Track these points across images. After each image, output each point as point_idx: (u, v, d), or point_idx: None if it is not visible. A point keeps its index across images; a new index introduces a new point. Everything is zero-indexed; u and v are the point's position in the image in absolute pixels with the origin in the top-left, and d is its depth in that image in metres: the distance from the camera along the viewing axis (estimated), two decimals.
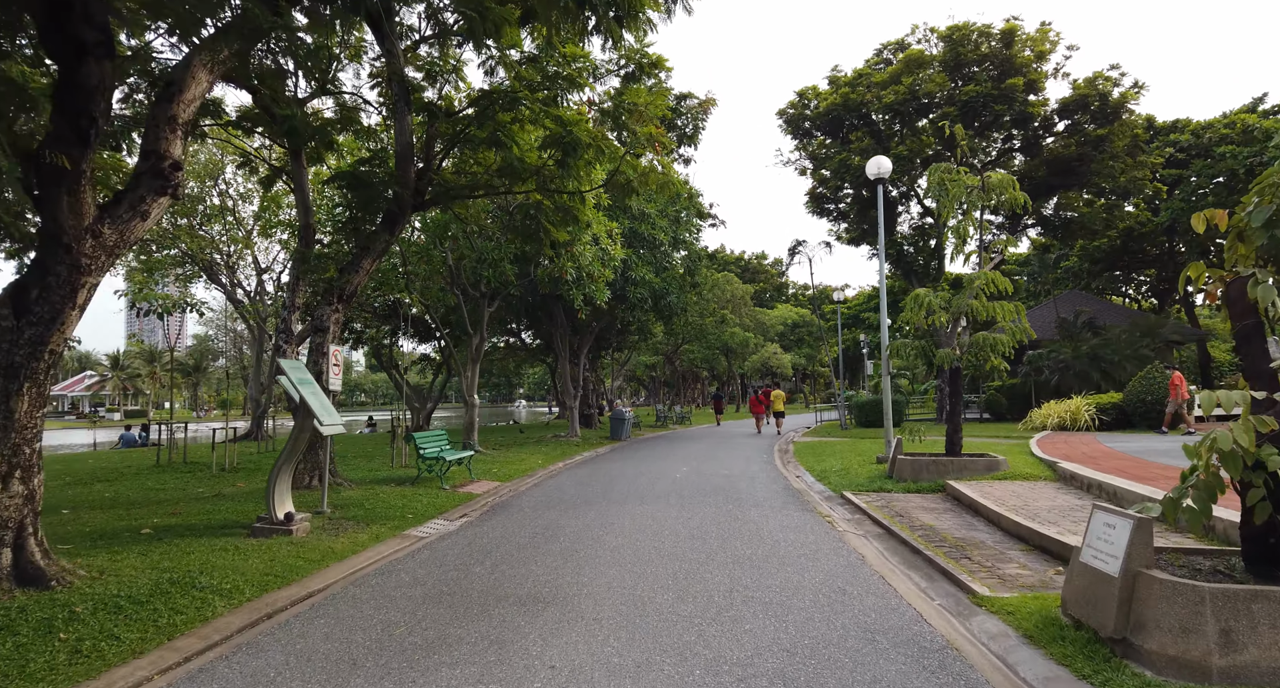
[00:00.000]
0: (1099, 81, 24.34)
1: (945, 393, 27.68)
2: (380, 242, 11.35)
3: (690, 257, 24.02)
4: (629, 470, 14.57)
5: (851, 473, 12.78)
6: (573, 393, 23.95)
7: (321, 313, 11.02)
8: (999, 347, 11.07)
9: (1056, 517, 7.80)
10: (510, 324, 31.47)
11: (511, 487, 12.52)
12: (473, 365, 17.75)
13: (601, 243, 18.25)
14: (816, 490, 11.71)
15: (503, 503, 10.67)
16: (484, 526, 8.84)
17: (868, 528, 8.54)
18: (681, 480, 12.75)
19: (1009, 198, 11.61)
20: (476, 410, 17.44)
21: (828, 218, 31.88)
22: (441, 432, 13.20)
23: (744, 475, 13.52)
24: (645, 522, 8.73)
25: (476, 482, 12.66)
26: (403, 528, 8.65)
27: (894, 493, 10.65)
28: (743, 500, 10.42)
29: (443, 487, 11.68)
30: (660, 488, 11.78)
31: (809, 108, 27.60)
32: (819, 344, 64.03)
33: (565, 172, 11.45)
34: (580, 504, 10.24)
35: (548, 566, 6.55)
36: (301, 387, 7.90)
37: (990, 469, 11.00)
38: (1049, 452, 13.42)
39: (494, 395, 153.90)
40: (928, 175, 12.12)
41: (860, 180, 26.03)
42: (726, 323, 42.51)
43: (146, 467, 15.04)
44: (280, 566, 6.52)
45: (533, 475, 14.17)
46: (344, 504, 9.89)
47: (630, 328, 29.67)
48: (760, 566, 6.51)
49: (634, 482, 12.68)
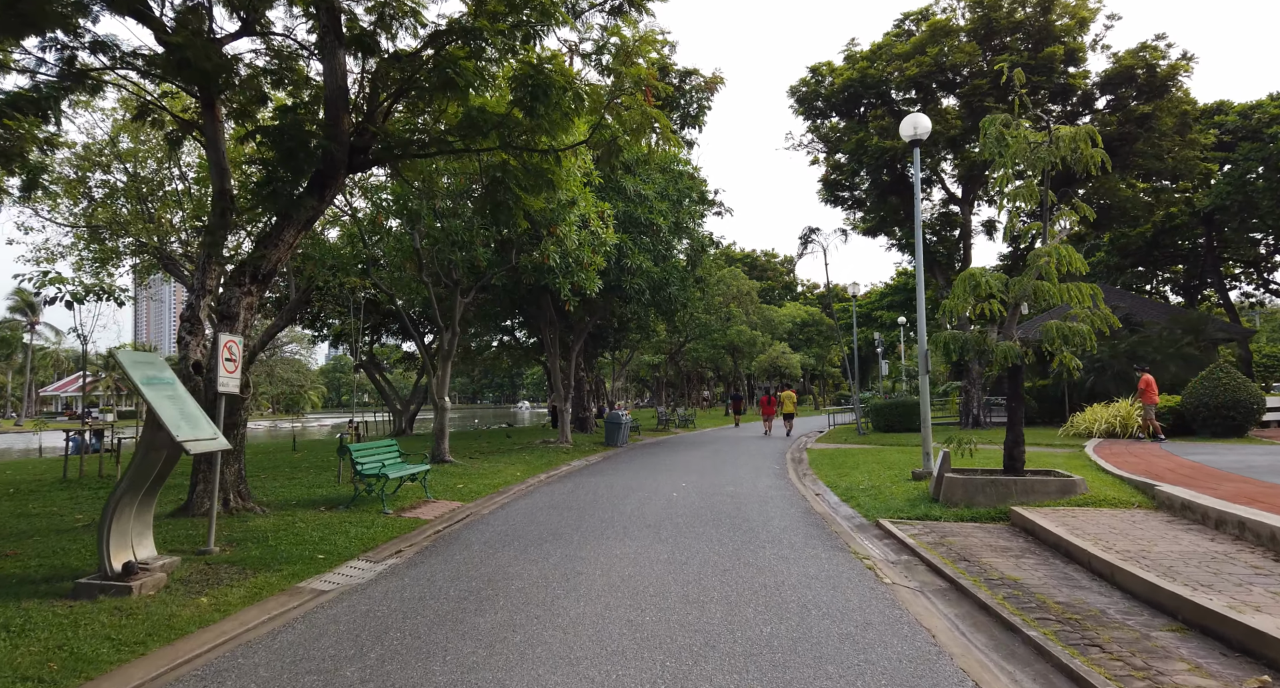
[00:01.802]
0: (1145, 52, 22.02)
1: (971, 396, 25.41)
2: (306, 209, 9.20)
3: (694, 244, 21.79)
4: (618, 486, 12.38)
5: (884, 493, 10.57)
6: (564, 394, 21.77)
7: (230, 296, 8.88)
8: (1076, 339, 8.84)
9: (1202, 572, 5.57)
10: (504, 321, 29.35)
11: (473, 509, 10.36)
12: (444, 364, 15.60)
13: (592, 225, 16.09)
14: (844, 516, 9.51)
15: (452, 535, 8.49)
16: (409, 575, 6.66)
17: (923, 578, 6.33)
18: (679, 501, 10.55)
19: (1085, 155, 9.40)
20: (447, 415, 15.29)
21: (842, 206, 29.61)
22: (389, 442, 11.05)
23: (753, 494, 11.31)
24: (624, 571, 6.54)
25: (432, 502, 10.50)
26: (303, 576, 6.49)
27: (945, 522, 8.45)
28: (754, 533, 8.22)
29: (384, 511, 9.52)
30: (651, 512, 9.59)
31: (823, 85, 25.34)
32: (829, 344, 61.76)
33: (536, 122, 9.29)
34: (546, 538, 8.06)
35: (459, 665, 4.34)
36: (149, 388, 5.74)
37: (1065, 492, 8.77)
38: (1121, 466, 11.17)
39: (497, 397, 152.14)
40: (982, 128, 9.92)
41: (880, 161, 23.78)
42: (733, 320, 40.24)
43: (52, 480, 12.93)
44: (68, 657, 4.37)
45: (504, 492, 12.00)
46: (245, 538, 7.74)
47: (629, 324, 27.49)
48: (787, 662, 4.30)
49: (621, 503, 10.49)
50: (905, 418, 24.72)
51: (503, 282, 18.37)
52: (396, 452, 10.94)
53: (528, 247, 15.74)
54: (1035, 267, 9.29)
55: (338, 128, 9.18)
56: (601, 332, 28.66)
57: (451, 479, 13.00)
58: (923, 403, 11.59)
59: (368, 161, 9.79)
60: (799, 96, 25.92)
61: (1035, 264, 9.31)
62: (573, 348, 22.50)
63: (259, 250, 9.04)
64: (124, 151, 19.62)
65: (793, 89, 25.90)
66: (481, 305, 22.46)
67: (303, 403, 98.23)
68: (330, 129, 9.19)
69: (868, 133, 23.94)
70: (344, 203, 18.12)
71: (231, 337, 7.56)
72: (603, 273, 17.81)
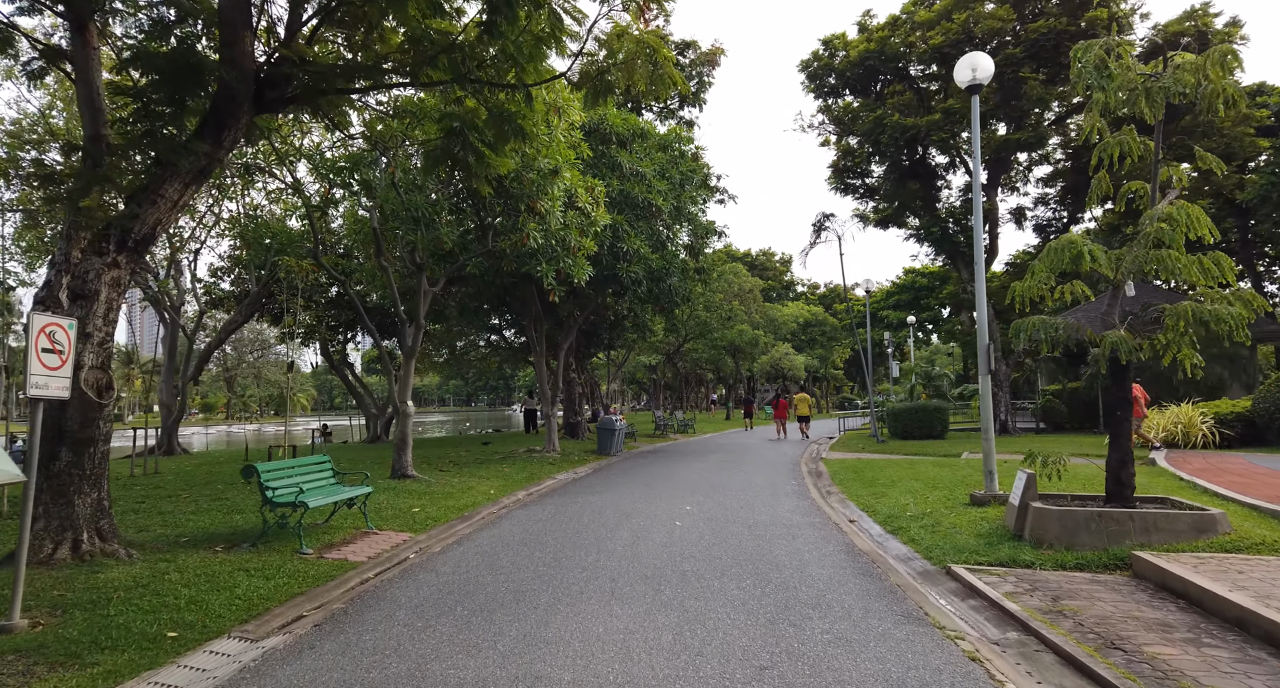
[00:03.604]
0: (1193, 19, 19.92)
1: (997, 399, 23.24)
2: (196, 156, 6.98)
3: (696, 230, 19.57)
4: (609, 510, 10.18)
5: (941, 523, 8.38)
6: (550, 397, 19.54)
7: (87, 269, 6.66)
8: (1224, 325, 6.68)
9: None
10: (489, 319, 27.10)
11: (424, 543, 8.15)
12: (407, 363, 13.38)
13: (580, 202, 13.90)
14: (897, 555, 7.33)
15: (378, 590, 6.27)
16: (285, 671, 4.45)
17: (1063, 680, 4.15)
18: (683, 535, 8.36)
19: (1212, 88, 7.28)
20: (411, 421, 13.07)
21: (853, 195, 27.49)
22: (320, 459, 8.82)
23: (775, 522, 9.12)
24: (609, 673, 4.34)
25: (372, 534, 8.30)
26: (124, 676, 4.30)
27: (1043, 571, 6.28)
28: (789, 589, 6.02)
29: (301, 550, 7.31)
30: (649, 554, 7.39)
31: (836, 59, 23.19)
32: (832, 345, 59.61)
33: (500, 46, 7.12)
34: (503, 601, 5.85)
35: None
36: None
37: (1201, 531, 6.59)
38: (1230, 486, 9.02)
39: (491, 399, 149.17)
40: (1074, 56, 7.79)
41: (899, 142, 21.61)
42: (734, 318, 38.00)
43: None
44: None
45: (469, 518, 9.78)
46: (80, 601, 5.53)
47: (625, 321, 25.28)
48: None
49: (610, 537, 8.28)
50: (926, 424, 22.56)
51: (481, 270, 16.16)
52: (328, 471, 8.72)
53: (508, 229, 13.53)
54: (1151, 232, 7.14)
55: (237, 50, 6.98)
56: (594, 329, 26.46)
57: (408, 500, 10.79)
58: (983, 408, 9.39)
59: (283, 99, 7.58)
60: (810, 72, 23.77)
61: (1151, 229, 7.16)
62: (561, 346, 20.28)
63: (131, 209, 6.83)
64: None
65: (804, 63, 23.74)
66: (462, 300, 20.27)
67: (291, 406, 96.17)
68: (228, 53, 7.00)
69: (886, 110, 21.79)
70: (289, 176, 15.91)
71: (55, 319, 5.33)
72: (594, 259, 15.62)
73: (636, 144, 17.32)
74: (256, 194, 18.64)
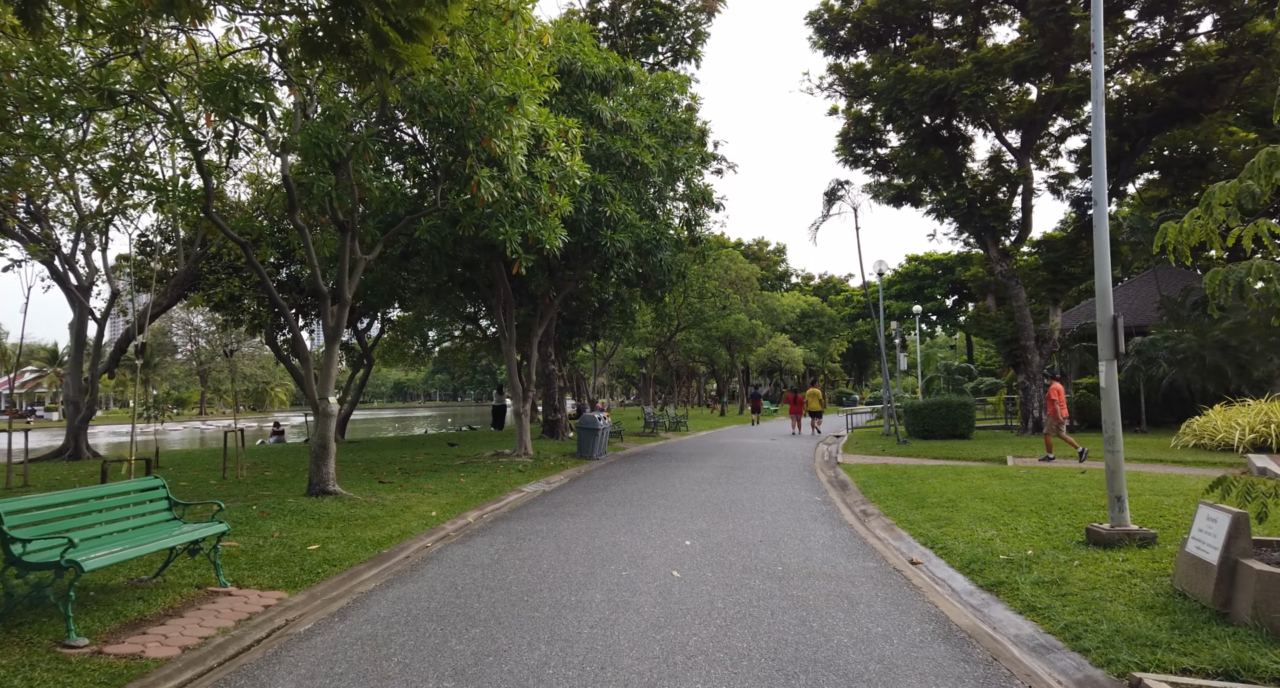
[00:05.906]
0: None
1: (1030, 393, 20.63)
2: None
3: (692, 194, 16.75)
4: (576, 549, 7.42)
5: (1065, 575, 5.68)
6: (523, 391, 16.76)
7: None
8: None
9: None
10: (468, 307, 24.23)
11: (293, 613, 5.35)
12: (329, 348, 10.55)
13: (551, 149, 11.11)
14: (1022, 641, 4.62)
15: None
16: None
17: None
18: (682, 599, 5.62)
19: None
20: (333, 423, 10.24)
21: (863, 168, 24.77)
22: (149, 482, 5.98)
23: (814, 572, 6.39)
24: None
25: (220, 597, 5.49)
26: None
27: None
28: None
29: (69, 641, 4.52)
30: (627, 646, 4.63)
31: (852, 6, 20.42)
32: (830, 337, 57.08)
33: None
34: None
35: None
36: None
37: None
38: None
39: (478, 394, 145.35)
40: None
41: (923, 101, 18.87)
42: (730, 306, 35.26)
43: None
44: None
45: (384, 561, 7.00)
46: None
47: (610, 307, 22.49)
48: None
49: (572, 606, 5.53)
50: (950, 422, 19.95)
51: (437, 238, 13.29)
52: (162, 502, 5.90)
53: (460, 177, 10.67)
54: None
55: None
56: (576, 317, 23.68)
57: (312, 531, 8.00)
58: (1105, 406, 6.66)
59: None
60: (819, 25, 20.99)
61: None
62: (535, 332, 17.48)
63: None
64: None
65: (812, 15, 20.96)
66: (419, 277, 17.37)
67: (268, 401, 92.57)
68: None
69: (908, 63, 19.06)
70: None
71: None
72: (570, 225, 12.84)
73: (620, 90, 14.50)
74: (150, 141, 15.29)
